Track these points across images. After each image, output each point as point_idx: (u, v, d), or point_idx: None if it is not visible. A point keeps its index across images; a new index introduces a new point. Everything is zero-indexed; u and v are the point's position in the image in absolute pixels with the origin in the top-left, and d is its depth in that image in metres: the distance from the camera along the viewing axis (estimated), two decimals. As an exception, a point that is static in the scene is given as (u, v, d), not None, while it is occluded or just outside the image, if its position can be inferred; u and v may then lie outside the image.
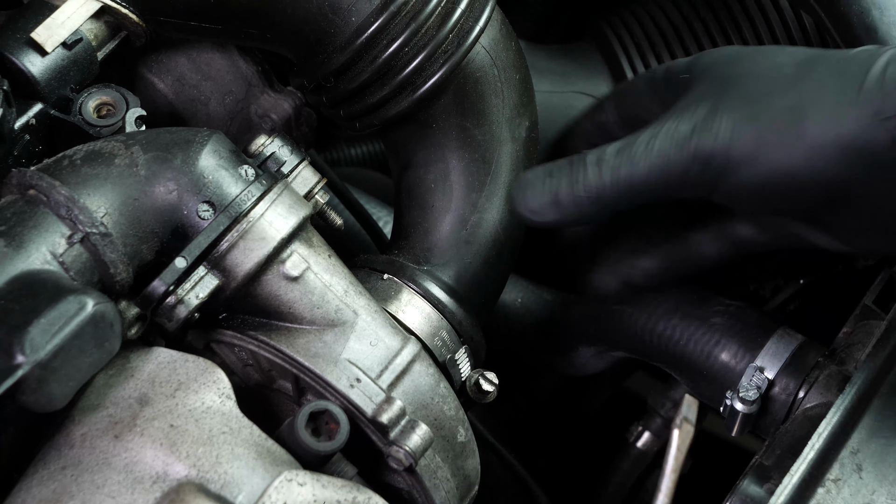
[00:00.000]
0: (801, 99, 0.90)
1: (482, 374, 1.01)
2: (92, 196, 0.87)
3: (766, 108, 0.91)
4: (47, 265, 0.84)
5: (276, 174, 0.96)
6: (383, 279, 1.02)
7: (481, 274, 1.05)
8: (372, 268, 1.03)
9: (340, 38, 0.99)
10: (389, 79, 1.00)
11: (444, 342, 1.01)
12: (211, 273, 0.91)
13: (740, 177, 0.92)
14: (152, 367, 0.89)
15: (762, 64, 0.95)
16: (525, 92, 1.07)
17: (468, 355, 1.02)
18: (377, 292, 1.01)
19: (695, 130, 0.93)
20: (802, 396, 1.01)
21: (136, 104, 0.99)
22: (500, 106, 1.04)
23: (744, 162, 0.91)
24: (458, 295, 1.03)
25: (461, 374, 1.01)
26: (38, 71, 0.97)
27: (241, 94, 1.13)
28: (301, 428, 0.87)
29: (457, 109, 1.03)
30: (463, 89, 1.03)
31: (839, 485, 0.90)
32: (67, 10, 0.99)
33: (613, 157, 0.96)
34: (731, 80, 0.95)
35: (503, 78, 1.04)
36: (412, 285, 1.01)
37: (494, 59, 1.03)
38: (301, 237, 0.93)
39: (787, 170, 0.90)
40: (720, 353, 1.06)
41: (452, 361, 1.00)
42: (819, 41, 1.25)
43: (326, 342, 0.92)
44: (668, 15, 1.30)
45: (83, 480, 0.83)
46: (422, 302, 1.01)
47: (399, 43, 0.98)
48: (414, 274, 1.02)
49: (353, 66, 1.00)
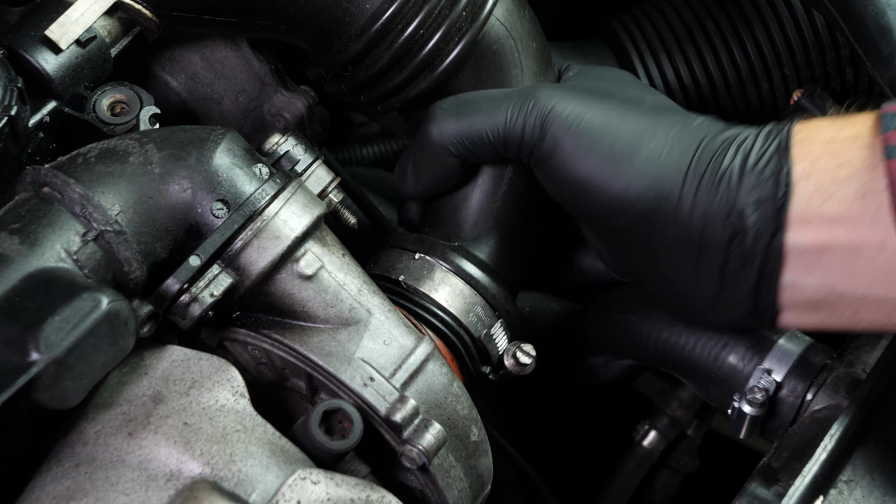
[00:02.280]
0: (644, 132, 0.93)
1: (519, 347, 1.01)
2: (106, 194, 0.87)
3: (616, 121, 0.94)
4: (61, 263, 0.84)
5: (290, 173, 0.96)
6: (415, 258, 1.02)
7: (513, 246, 1.05)
8: (403, 247, 1.04)
9: (355, 26, 0.99)
10: (408, 62, 1.00)
11: (478, 318, 1.01)
12: (225, 271, 0.91)
13: (564, 162, 0.95)
14: (166, 365, 0.89)
15: (629, 92, 1.00)
16: (543, 59, 1.07)
17: (504, 329, 1.02)
18: (409, 272, 1.02)
19: (548, 100, 0.96)
20: (810, 399, 1.01)
21: (150, 102, 1.00)
22: (520, 76, 1.04)
23: (574, 152, 0.94)
24: (491, 269, 1.03)
25: (498, 348, 1.01)
26: (52, 69, 0.98)
27: (254, 92, 1.13)
28: (315, 426, 0.87)
29: (476, 83, 1.03)
30: (481, 63, 1.02)
31: (851, 486, 0.90)
32: (81, 7, 0.99)
33: (453, 107, 1.00)
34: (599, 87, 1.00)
35: (520, 48, 1.04)
36: (444, 263, 1.02)
37: (510, 29, 1.03)
38: (315, 236, 0.94)
39: (602, 181, 0.93)
40: (728, 356, 1.06)
41: (488, 336, 1.00)
42: (830, 41, 1.26)
43: (340, 341, 0.92)
44: (679, 13, 1.30)
45: (97, 478, 0.83)
46: (455, 279, 1.02)
47: (414, 26, 0.98)
48: (445, 251, 1.03)
49: (370, 52, 1.00)
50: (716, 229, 0.90)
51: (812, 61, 1.27)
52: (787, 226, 0.87)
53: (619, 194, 0.93)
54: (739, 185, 0.88)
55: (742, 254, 0.89)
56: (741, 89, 1.29)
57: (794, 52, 1.27)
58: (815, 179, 0.86)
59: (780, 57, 1.27)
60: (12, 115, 0.92)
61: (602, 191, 0.94)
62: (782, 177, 0.87)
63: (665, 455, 1.37)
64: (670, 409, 1.32)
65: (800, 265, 0.88)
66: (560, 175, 0.96)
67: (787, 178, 0.87)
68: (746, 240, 0.89)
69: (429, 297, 1.00)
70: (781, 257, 0.88)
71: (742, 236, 0.89)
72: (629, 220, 0.94)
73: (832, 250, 0.86)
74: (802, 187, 0.87)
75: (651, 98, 1.00)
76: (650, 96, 1.01)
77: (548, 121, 0.95)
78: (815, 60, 1.27)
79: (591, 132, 0.94)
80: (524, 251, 1.07)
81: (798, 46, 1.27)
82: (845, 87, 1.28)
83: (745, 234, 0.89)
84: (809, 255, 0.87)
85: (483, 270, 1.02)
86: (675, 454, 1.37)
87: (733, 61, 1.29)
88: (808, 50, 1.27)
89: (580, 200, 0.96)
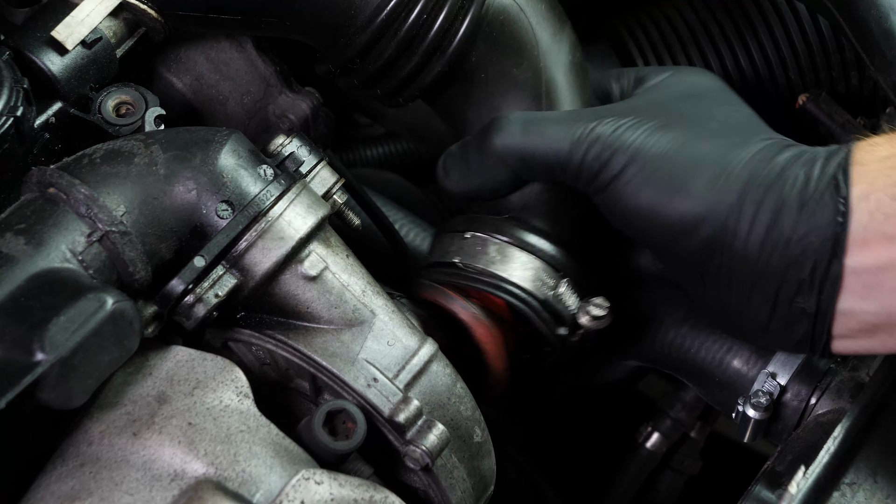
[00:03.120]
0: (704, 159, 0.92)
1: (590, 301, 1.00)
2: (111, 195, 0.87)
3: (675, 150, 0.93)
4: (67, 263, 0.85)
5: (295, 174, 0.96)
6: (466, 237, 1.02)
7: (562, 206, 1.03)
8: (454, 230, 1.03)
9: (361, 18, 0.98)
10: (415, 48, 0.99)
11: (542, 281, 1.00)
12: (229, 272, 0.91)
13: (622, 193, 0.94)
14: (171, 366, 0.89)
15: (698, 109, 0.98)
16: (555, 19, 1.05)
17: (570, 287, 1.01)
18: (464, 251, 1.01)
19: (611, 133, 0.95)
20: (814, 403, 1.01)
21: (156, 103, 1.00)
22: (533, 40, 1.02)
23: (632, 183, 0.93)
24: (545, 232, 1.02)
25: (568, 307, 1.01)
26: (57, 69, 0.98)
27: (259, 93, 1.13)
28: (318, 427, 0.87)
29: (492, 57, 1.02)
30: (491, 36, 1.02)
31: (854, 489, 0.90)
32: (86, 8, 0.99)
33: (520, 125, 0.98)
34: (666, 111, 0.98)
35: (529, 12, 1.03)
36: (497, 235, 1.01)
37: None
38: (319, 237, 0.94)
39: (661, 209, 0.93)
40: (732, 360, 1.06)
41: (556, 297, 0.99)
42: (835, 44, 1.26)
43: (344, 342, 0.92)
44: (684, 17, 1.30)
45: (101, 477, 0.83)
46: (510, 249, 1.01)
47: (417, 11, 0.98)
48: (497, 224, 1.02)
49: (376, 44, 0.99)
50: (772, 258, 0.89)
51: (817, 65, 1.27)
52: (846, 251, 0.86)
53: (675, 222, 0.92)
54: (798, 213, 0.88)
55: (798, 282, 0.89)
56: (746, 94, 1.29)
57: (798, 56, 1.27)
58: (875, 199, 0.86)
59: (784, 61, 1.27)
60: (18, 115, 0.93)
61: (660, 220, 0.93)
62: (840, 203, 0.86)
63: (668, 457, 1.37)
64: (674, 410, 1.32)
65: (857, 290, 0.87)
66: (620, 205, 0.95)
67: (846, 204, 0.86)
68: (804, 268, 0.88)
69: (487, 271, 1.00)
70: (838, 284, 0.87)
71: (798, 265, 0.88)
72: (686, 248, 0.93)
73: (891, 270, 0.86)
74: (861, 209, 0.86)
75: (721, 112, 0.98)
76: (721, 110, 0.99)
77: (609, 152, 0.94)
78: (820, 64, 1.27)
79: (651, 161, 0.93)
80: (575, 209, 1.04)
81: (803, 51, 1.27)
82: (850, 91, 1.28)
83: (801, 262, 0.88)
84: (868, 277, 0.86)
85: (538, 234, 1.01)
86: (678, 456, 1.37)
87: (738, 66, 1.29)
88: (812, 54, 1.27)
89: (640, 229, 0.96)
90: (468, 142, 1.02)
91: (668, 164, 0.93)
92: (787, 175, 0.90)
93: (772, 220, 0.89)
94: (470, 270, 1.01)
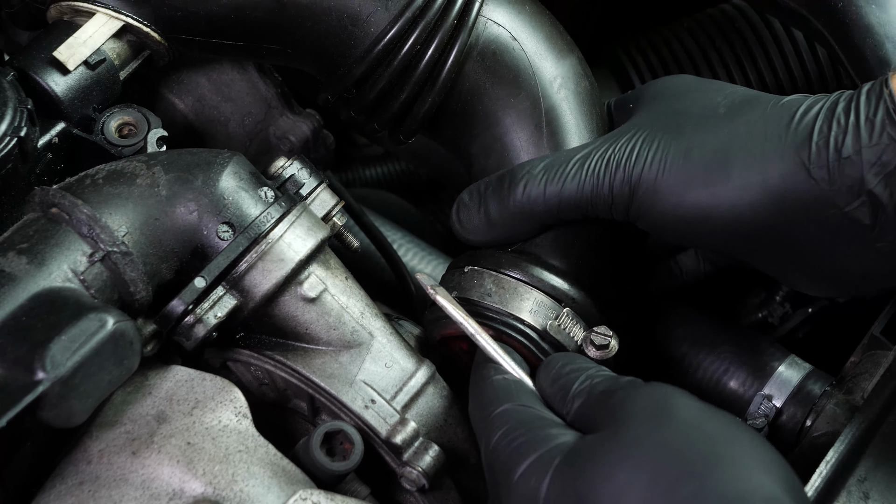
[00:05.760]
0: (730, 141, 0.91)
1: (593, 331, 0.99)
2: (113, 215, 0.88)
3: (697, 146, 0.92)
4: (68, 283, 0.85)
5: (295, 196, 0.97)
6: (465, 272, 1.01)
7: (565, 238, 1.02)
8: (456, 266, 1.02)
9: (360, 49, 0.99)
10: (407, 78, 1.00)
11: (541, 312, 0.98)
12: (229, 293, 0.92)
13: (664, 207, 0.93)
14: (170, 385, 0.90)
15: (699, 102, 0.97)
16: (555, 48, 1.04)
17: (572, 317, 0.99)
18: (461, 286, 0.99)
19: (629, 155, 0.94)
20: (810, 425, 1.02)
21: (158, 125, 1.00)
22: (530, 70, 1.02)
23: (670, 194, 0.92)
24: (549, 265, 1.00)
25: (572, 337, 0.99)
26: (61, 90, 0.98)
27: (260, 115, 1.14)
28: (316, 447, 0.88)
29: (487, 87, 1.02)
30: (484, 66, 1.02)
31: (847, 511, 0.90)
32: (90, 29, 1.00)
33: (542, 174, 0.98)
34: (670, 114, 0.97)
35: (524, 40, 1.02)
36: (494, 269, 0.99)
37: (506, 27, 1.02)
38: (319, 259, 0.95)
39: (709, 208, 0.91)
40: (729, 381, 1.06)
41: (555, 327, 0.99)
42: (833, 73, 1.26)
43: (342, 363, 0.93)
44: (683, 43, 1.31)
45: (100, 496, 0.84)
46: (507, 280, 0.99)
47: (410, 43, 0.99)
48: (498, 257, 1.00)
49: (371, 74, 1.00)
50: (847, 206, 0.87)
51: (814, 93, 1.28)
52: None
53: (727, 212, 0.91)
54: (860, 158, 0.86)
55: (885, 223, 0.87)
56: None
57: (796, 83, 1.28)
58: None
59: (782, 88, 1.28)
60: (22, 136, 0.93)
61: (711, 216, 0.92)
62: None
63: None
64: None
65: None
66: (666, 219, 0.94)
67: None
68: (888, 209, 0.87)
69: (481, 304, 0.98)
70: None
71: (882, 207, 0.87)
72: (751, 230, 0.91)
73: None
74: None
75: (722, 97, 0.97)
76: (721, 94, 0.97)
77: (634, 174, 0.94)
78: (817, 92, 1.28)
79: (679, 165, 0.92)
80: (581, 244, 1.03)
81: (800, 78, 1.28)
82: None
83: (883, 204, 0.86)
84: None
85: (540, 266, 1.00)
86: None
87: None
88: (810, 82, 1.28)
89: (697, 234, 0.94)
90: (483, 192, 1.01)
91: (697, 159, 0.91)
92: (829, 126, 0.88)
93: (834, 172, 0.87)
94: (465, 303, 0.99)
